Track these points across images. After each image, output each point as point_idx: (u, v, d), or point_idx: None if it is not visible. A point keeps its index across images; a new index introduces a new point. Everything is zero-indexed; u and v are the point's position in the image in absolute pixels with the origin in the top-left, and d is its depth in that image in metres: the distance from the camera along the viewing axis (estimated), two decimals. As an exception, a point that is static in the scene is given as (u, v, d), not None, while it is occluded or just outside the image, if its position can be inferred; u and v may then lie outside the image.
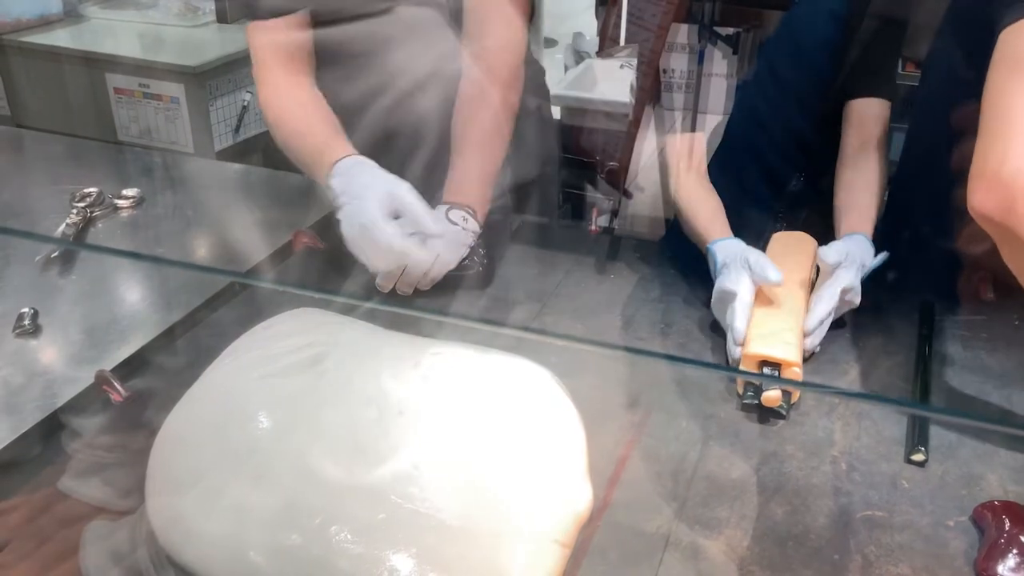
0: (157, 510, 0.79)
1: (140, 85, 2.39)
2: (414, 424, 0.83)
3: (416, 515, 0.74)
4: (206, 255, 1.36)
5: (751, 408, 1.00)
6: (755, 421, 0.99)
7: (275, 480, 0.77)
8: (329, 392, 0.85)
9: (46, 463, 0.90)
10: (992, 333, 1.16)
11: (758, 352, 1.02)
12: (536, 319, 1.18)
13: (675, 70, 1.87)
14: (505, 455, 0.83)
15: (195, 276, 1.28)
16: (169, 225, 1.41)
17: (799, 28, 1.38)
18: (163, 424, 0.85)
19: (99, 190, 1.43)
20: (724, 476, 0.91)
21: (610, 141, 2.20)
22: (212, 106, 2.40)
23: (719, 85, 1.90)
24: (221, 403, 0.86)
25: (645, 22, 2.10)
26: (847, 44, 1.28)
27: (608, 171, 1.90)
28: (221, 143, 2.45)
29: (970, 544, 0.82)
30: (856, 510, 0.86)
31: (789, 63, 1.38)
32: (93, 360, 1.04)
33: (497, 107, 1.28)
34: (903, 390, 1.04)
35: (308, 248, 1.31)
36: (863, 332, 1.16)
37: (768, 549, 0.81)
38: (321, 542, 0.72)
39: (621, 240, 1.46)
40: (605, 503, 0.86)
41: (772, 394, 0.98)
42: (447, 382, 0.90)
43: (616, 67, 2.43)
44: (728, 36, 1.82)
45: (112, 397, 0.97)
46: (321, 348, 0.92)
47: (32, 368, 1.04)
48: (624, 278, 1.29)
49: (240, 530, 0.74)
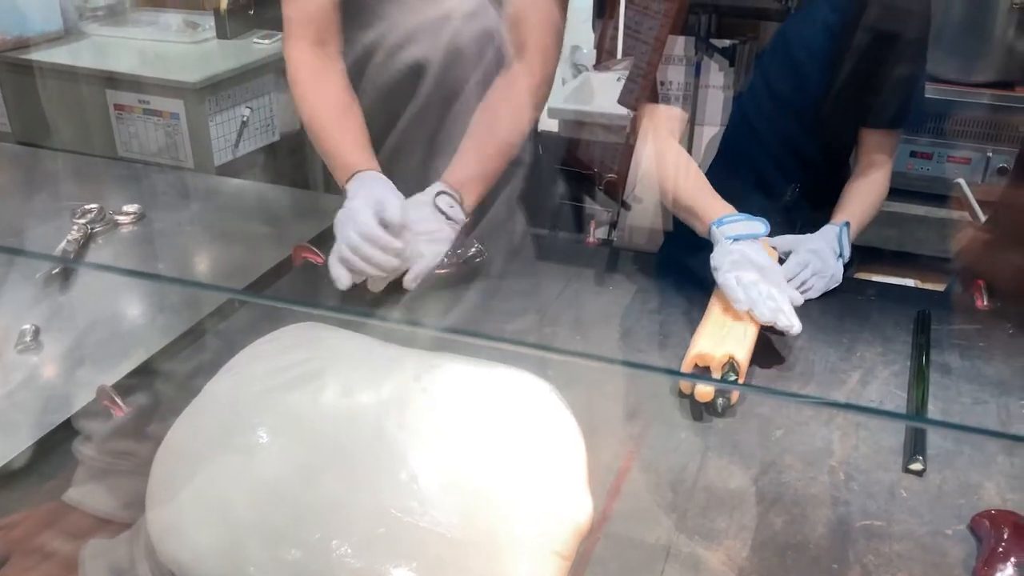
0: (158, 523, 0.79)
1: (140, 101, 2.40)
2: (414, 437, 0.83)
3: (416, 529, 0.75)
4: (206, 270, 1.36)
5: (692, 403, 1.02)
6: (754, 432, 0.99)
7: (275, 494, 0.77)
8: (329, 406, 0.85)
9: (48, 478, 0.90)
10: (989, 342, 1.16)
11: (705, 351, 1.03)
12: (535, 331, 1.19)
13: (672, 82, 1.88)
14: (505, 468, 0.83)
15: (196, 291, 1.28)
16: (170, 240, 1.41)
17: (793, 40, 1.39)
18: (164, 438, 0.86)
19: (100, 206, 1.44)
20: (723, 487, 0.91)
21: (608, 153, 2.21)
22: (212, 121, 2.41)
23: (716, 97, 1.91)
24: (222, 417, 0.86)
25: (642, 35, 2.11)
26: (840, 56, 1.29)
27: (606, 183, 1.90)
28: (221, 158, 2.46)
29: (968, 553, 0.82)
30: (855, 520, 0.87)
31: (783, 75, 1.39)
32: (95, 375, 1.05)
33: (522, 115, 1.29)
34: (901, 399, 1.05)
35: (308, 262, 1.31)
36: (860, 342, 1.16)
37: (767, 559, 0.82)
38: (321, 556, 0.73)
39: (620, 252, 1.46)
40: (605, 515, 0.86)
41: (705, 389, 1.00)
42: (447, 395, 0.90)
43: (613, 80, 2.44)
44: (724, 48, 1.83)
45: (114, 412, 0.97)
46: (321, 362, 0.93)
47: (34, 384, 1.05)
48: (623, 290, 1.29)
49: (241, 544, 0.74)
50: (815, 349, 1.15)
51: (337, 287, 1.15)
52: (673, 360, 1.13)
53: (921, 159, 2.41)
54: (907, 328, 1.19)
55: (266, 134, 2.59)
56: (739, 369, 1.02)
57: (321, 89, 1.30)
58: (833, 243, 1.26)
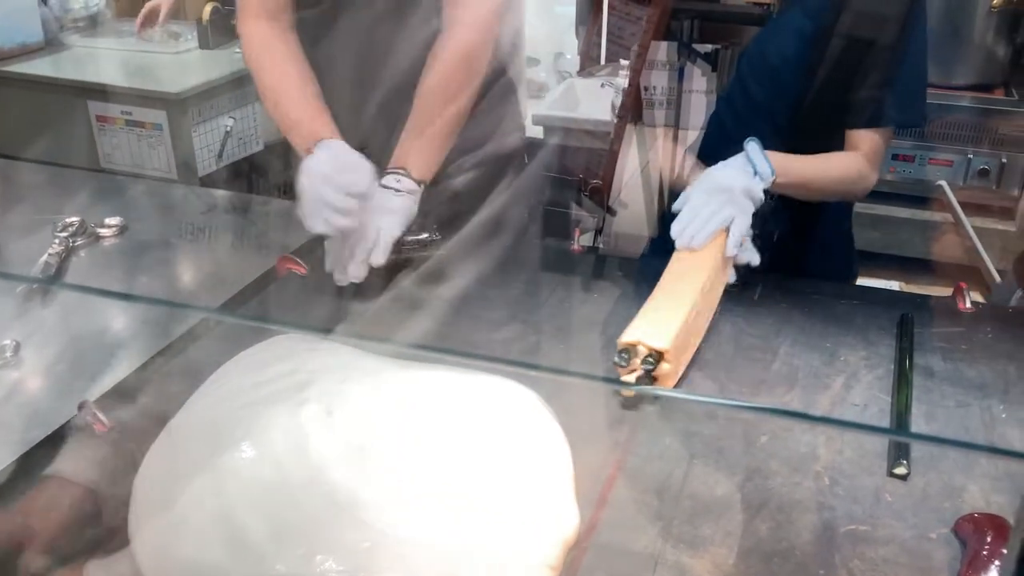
0: (142, 542, 0.78)
1: (122, 112, 2.39)
2: (399, 449, 0.83)
3: (401, 542, 0.74)
4: (190, 282, 1.36)
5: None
6: (739, 438, 0.99)
7: (259, 509, 0.77)
8: (313, 419, 0.85)
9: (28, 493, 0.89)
10: (971, 345, 1.17)
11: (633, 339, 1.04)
12: (520, 339, 1.19)
13: (656, 87, 1.88)
14: (492, 478, 0.83)
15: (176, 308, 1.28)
16: (152, 253, 1.40)
17: (768, 46, 1.40)
18: (147, 454, 0.85)
19: (81, 219, 1.43)
20: (709, 494, 0.91)
21: (593, 159, 2.21)
22: (195, 132, 2.40)
23: (699, 101, 1.92)
24: (204, 433, 0.86)
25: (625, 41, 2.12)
26: (816, 62, 1.29)
27: (591, 189, 1.91)
28: (204, 169, 2.45)
29: (953, 556, 0.83)
30: (840, 525, 0.87)
31: (759, 80, 1.40)
32: (76, 391, 1.04)
33: (452, 76, 1.28)
34: (885, 403, 1.05)
35: (292, 273, 1.31)
36: (843, 346, 1.17)
37: (754, 566, 0.82)
38: (306, 571, 0.72)
39: (605, 258, 1.46)
40: (592, 524, 0.86)
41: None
42: (432, 405, 0.90)
43: (597, 86, 2.45)
44: (707, 53, 1.84)
45: (95, 428, 0.97)
46: (305, 374, 0.92)
47: (14, 400, 1.04)
48: (608, 296, 1.29)
49: (225, 561, 0.74)
50: (798, 354, 1.15)
51: (336, 279, 1.19)
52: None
53: (903, 162, 2.43)
54: (890, 332, 1.20)
55: (250, 144, 2.59)
56: (662, 359, 1.03)
57: (278, 60, 1.32)
58: (742, 164, 1.22)
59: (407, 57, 1.30)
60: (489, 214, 1.39)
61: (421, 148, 1.27)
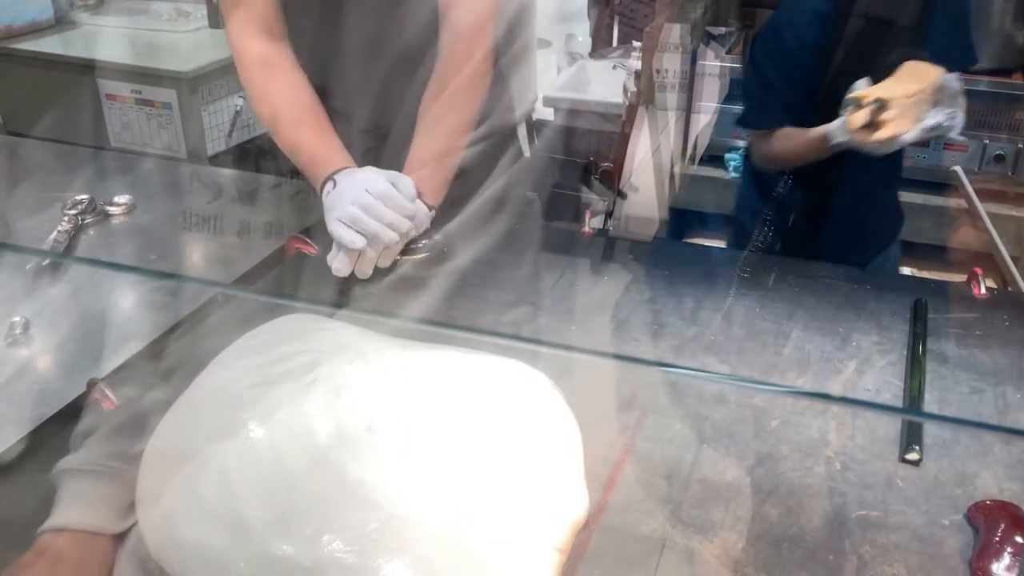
0: (149, 520, 0.78)
1: (132, 91, 2.38)
2: (407, 430, 0.83)
3: (409, 523, 0.74)
4: (199, 261, 1.35)
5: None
6: (750, 423, 0.99)
7: (266, 489, 0.77)
8: (321, 400, 0.85)
9: (38, 472, 0.89)
10: (985, 330, 1.16)
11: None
12: (530, 321, 1.18)
13: (668, 70, 1.87)
14: (501, 460, 0.83)
15: (187, 282, 1.27)
16: (161, 231, 1.40)
17: (784, 28, 1.38)
18: (154, 433, 0.85)
19: (91, 197, 1.43)
20: (719, 478, 0.90)
21: (604, 141, 2.20)
22: (205, 111, 2.39)
23: (712, 84, 1.91)
24: (212, 412, 0.85)
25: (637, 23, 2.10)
26: (833, 44, 1.27)
27: (602, 172, 1.90)
28: (214, 148, 2.44)
29: (965, 543, 0.82)
30: (851, 510, 0.86)
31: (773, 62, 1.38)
32: (85, 369, 1.04)
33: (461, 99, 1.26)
34: (897, 389, 1.04)
35: (301, 253, 1.30)
36: (856, 331, 1.15)
37: (763, 551, 0.81)
38: (313, 552, 0.72)
39: (615, 241, 1.45)
40: (601, 507, 0.86)
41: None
42: (441, 387, 0.90)
43: (608, 68, 2.43)
44: (720, 35, 1.82)
45: (104, 405, 0.96)
46: (313, 355, 0.92)
47: (24, 377, 1.04)
48: (618, 279, 1.28)
49: (231, 541, 0.74)
50: (811, 338, 1.14)
51: (336, 275, 1.15)
52: (667, 351, 1.12)
53: (918, 147, 2.40)
54: (904, 317, 1.19)
55: (259, 124, 2.57)
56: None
57: (280, 86, 1.28)
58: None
59: (411, 31, 1.28)
60: (498, 195, 1.38)
61: (433, 175, 1.24)
